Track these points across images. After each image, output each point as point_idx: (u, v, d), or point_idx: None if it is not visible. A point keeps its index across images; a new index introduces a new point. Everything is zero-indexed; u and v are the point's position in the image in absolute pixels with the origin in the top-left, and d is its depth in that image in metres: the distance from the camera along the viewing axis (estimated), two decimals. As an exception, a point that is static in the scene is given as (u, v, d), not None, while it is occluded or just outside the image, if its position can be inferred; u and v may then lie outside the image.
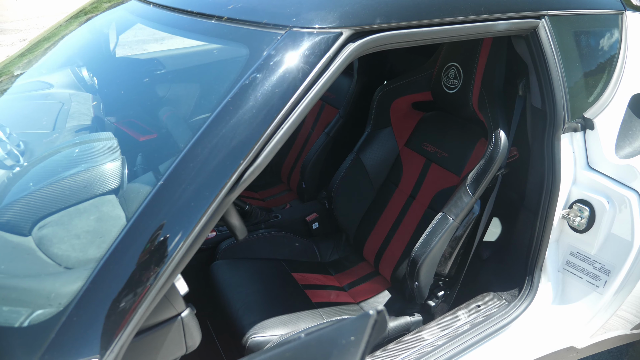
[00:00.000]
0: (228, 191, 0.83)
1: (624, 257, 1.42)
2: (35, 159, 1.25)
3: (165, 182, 0.81)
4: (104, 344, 0.72)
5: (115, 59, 1.35)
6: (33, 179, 1.16)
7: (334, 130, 2.24)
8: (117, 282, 0.75)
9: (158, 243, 0.77)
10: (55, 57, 1.58)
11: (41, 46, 1.59)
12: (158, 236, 0.78)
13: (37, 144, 1.38)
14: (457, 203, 1.51)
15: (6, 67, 1.62)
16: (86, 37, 1.44)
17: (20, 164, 1.28)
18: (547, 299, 1.57)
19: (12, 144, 1.36)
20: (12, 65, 1.60)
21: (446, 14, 1.12)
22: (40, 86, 1.60)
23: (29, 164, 1.23)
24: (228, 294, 1.64)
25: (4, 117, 1.49)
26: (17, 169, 1.25)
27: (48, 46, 1.58)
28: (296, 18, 0.97)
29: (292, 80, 0.90)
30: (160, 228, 0.78)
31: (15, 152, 1.34)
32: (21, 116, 1.54)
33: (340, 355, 0.52)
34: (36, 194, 1.09)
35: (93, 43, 1.40)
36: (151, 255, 0.77)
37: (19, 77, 1.64)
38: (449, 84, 1.69)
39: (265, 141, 0.87)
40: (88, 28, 1.46)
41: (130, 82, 1.23)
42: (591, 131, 1.42)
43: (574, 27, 1.41)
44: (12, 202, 1.08)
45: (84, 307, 0.73)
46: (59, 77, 1.57)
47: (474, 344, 1.44)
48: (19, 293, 0.84)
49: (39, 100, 1.57)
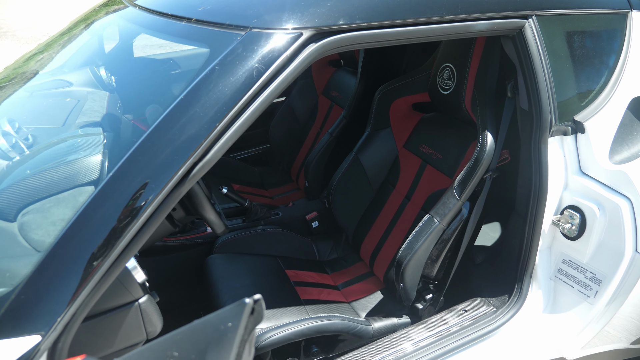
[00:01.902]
0: (176, 184, 0.87)
1: (615, 267, 1.36)
2: (32, 151, 1.34)
3: (115, 174, 0.86)
4: (48, 322, 0.78)
5: (103, 59, 1.43)
6: (25, 169, 1.25)
7: (337, 130, 2.25)
8: (62, 265, 0.80)
9: (104, 230, 0.82)
10: (68, 56, 1.69)
11: (54, 46, 1.69)
12: (105, 223, 0.83)
13: (44, 137, 1.48)
14: (443, 205, 1.50)
15: (23, 64, 1.73)
16: (86, 39, 1.53)
17: (21, 155, 1.37)
18: (537, 307, 1.53)
19: (20, 137, 1.46)
20: (29, 63, 1.71)
21: (418, 14, 1.12)
22: (60, 84, 1.71)
23: (26, 156, 1.32)
24: (218, 286, 1.69)
25: (19, 112, 1.60)
26: (16, 158, 1.35)
27: (60, 47, 1.68)
28: (257, 19, 1.00)
29: (246, 79, 0.93)
30: (108, 216, 0.83)
31: (20, 144, 1.44)
32: (37, 112, 1.64)
33: (219, 340, 0.54)
34: (23, 183, 1.17)
35: (91, 44, 1.49)
36: (96, 241, 0.82)
37: (38, 75, 1.75)
38: (444, 85, 1.67)
39: (215, 138, 0.90)
40: (91, 31, 1.55)
41: (111, 81, 1.31)
42: (582, 135, 1.37)
43: (567, 28, 1.36)
44: (2, 190, 1.17)
45: (31, 287, 0.79)
46: (78, 76, 1.67)
47: (454, 348, 1.42)
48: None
49: (56, 97, 1.67)
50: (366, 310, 1.76)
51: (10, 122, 1.52)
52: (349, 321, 1.56)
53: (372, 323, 1.61)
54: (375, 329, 1.60)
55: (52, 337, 0.78)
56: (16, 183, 1.18)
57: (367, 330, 1.59)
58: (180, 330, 0.58)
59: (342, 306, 1.75)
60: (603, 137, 1.38)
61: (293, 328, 1.47)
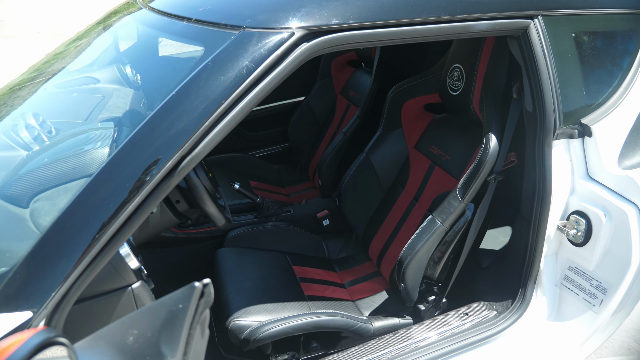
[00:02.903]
0: (164, 176, 0.92)
1: (621, 275, 1.31)
2: (49, 143, 1.42)
3: (107, 165, 0.91)
4: (40, 300, 0.83)
5: (115, 58, 1.50)
6: (40, 159, 1.33)
7: (351, 130, 2.27)
8: (55, 248, 0.86)
9: (93, 217, 0.87)
10: (91, 55, 1.78)
11: (77, 45, 1.78)
12: (95, 211, 0.88)
13: (65, 131, 1.57)
14: (446, 207, 1.49)
15: (49, 62, 1.84)
16: (106, 39, 1.61)
17: (40, 146, 1.46)
18: (541, 314, 1.49)
19: (44, 130, 1.55)
20: (54, 60, 1.81)
21: (413, 14, 1.12)
22: (88, 81, 1.80)
23: (43, 147, 1.41)
24: (224, 278, 1.74)
25: (45, 107, 1.69)
26: (36, 148, 1.43)
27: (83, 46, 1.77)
28: (251, 19, 1.04)
29: (235, 77, 0.96)
30: (97, 204, 0.88)
31: (43, 136, 1.53)
32: (63, 107, 1.74)
33: (171, 319, 0.58)
34: (37, 172, 1.26)
35: (109, 44, 1.57)
36: (86, 227, 0.87)
37: (63, 72, 1.85)
38: (453, 86, 1.65)
39: (203, 133, 0.94)
40: (110, 31, 1.63)
41: (123, 79, 1.37)
42: (590, 138, 1.33)
43: (577, 28, 1.33)
44: (18, 178, 1.26)
45: (26, 267, 0.85)
46: (105, 74, 1.76)
47: (452, 351, 1.41)
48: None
49: (84, 93, 1.77)
50: (370, 309, 1.77)
51: (35, 116, 1.61)
52: (349, 319, 1.58)
53: (372, 322, 1.62)
54: (375, 327, 1.61)
55: (44, 314, 0.84)
56: (30, 172, 1.27)
57: (367, 329, 1.60)
58: (140, 311, 0.61)
59: (345, 304, 1.77)
60: (612, 141, 1.34)
61: (291, 322, 1.50)
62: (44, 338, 0.52)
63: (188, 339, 0.58)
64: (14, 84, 1.62)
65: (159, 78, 1.24)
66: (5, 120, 1.54)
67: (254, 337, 1.47)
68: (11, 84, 1.63)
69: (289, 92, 2.93)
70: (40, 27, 7.38)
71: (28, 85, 1.59)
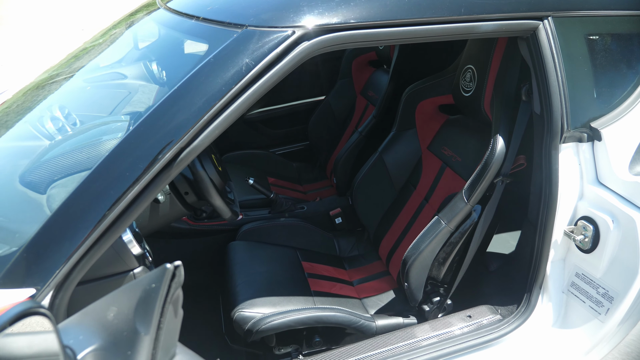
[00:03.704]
0: (163, 167, 0.96)
1: (628, 284, 1.28)
2: (70, 134, 1.51)
3: (110, 154, 0.96)
4: (43, 279, 0.89)
5: (134, 55, 1.57)
6: (60, 149, 1.41)
7: (367, 129, 2.28)
8: (59, 230, 0.92)
9: (95, 203, 0.93)
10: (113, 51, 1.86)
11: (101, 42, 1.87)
12: (97, 197, 0.93)
13: (89, 123, 1.65)
14: (451, 208, 1.48)
15: (75, 57, 1.93)
16: (128, 37, 1.68)
17: (63, 136, 1.55)
18: (546, 320, 1.47)
19: (69, 122, 1.64)
20: (80, 55, 1.90)
21: (416, 14, 1.13)
22: (114, 77, 1.89)
23: (65, 137, 1.49)
24: (234, 270, 1.78)
25: (72, 100, 1.79)
26: (58, 138, 1.52)
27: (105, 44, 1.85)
28: (254, 18, 1.07)
29: (235, 73, 1.00)
30: (99, 192, 0.94)
31: (67, 128, 1.61)
32: (90, 101, 1.83)
33: (146, 298, 0.62)
34: (55, 160, 1.33)
35: (130, 41, 1.64)
36: (89, 212, 0.92)
37: (89, 68, 1.94)
38: (465, 87, 1.64)
39: (202, 127, 0.98)
40: (132, 29, 1.70)
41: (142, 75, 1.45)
42: (599, 142, 1.30)
43: (590, 30, 1.30)
44: (38, 166, 1.34)
45: (32, 247, 0.91)
46: (125, 70, 1.85)
47: (452, 352, 1.41)
48: (5, 233, 1.07)
49: (111, 88, 1.85)
50: (376, 307, 1.78)
51: (61, 108, 1.70)
52: (351, 315, 1.59)
53: (376, 320, 1.63)
54: (378, 326, 1.62)
55: (47, 291, 0.90)
56: (49, 160, 1.35)
57: (370, 327, 1.61)
58: (121, 289, 0.66)
59: (352, 301, 1.78)
60: (624, 145, 1.30)
61: (293, 315, 1.53)
62: (26, 308, 0.56)
63: (161, 318, 0.62)
64: (42, 78, 1.72)
65: (168, 74, 1.29)
66: (33, 112, 1.63)
67: (257, 328, 1.50)
68: (39, 79, 1.73)
69: (310, 92, 2.97)
70: (84, 25, 7.70)
71: (55, 79, 1.68)
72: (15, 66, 6.40)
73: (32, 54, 6.72)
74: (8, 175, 1.37)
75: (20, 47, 7.12)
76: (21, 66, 6.35)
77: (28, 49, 6.98)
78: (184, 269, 1.84)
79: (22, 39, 7.43)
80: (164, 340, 0.63)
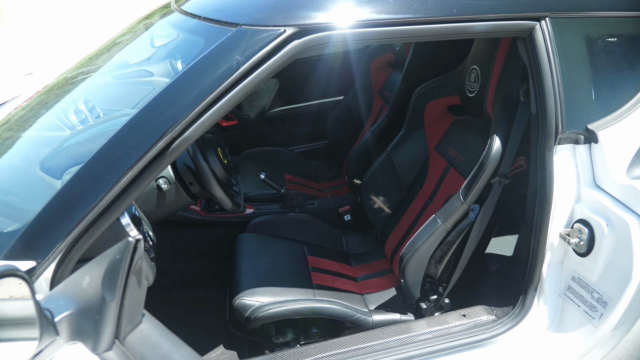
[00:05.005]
0: (156, 156, 1.04)
1: (622, 289, 1.26)
2: (88, 125, 1.62)
3: (109, 142, 1.05)
4: (43, 253, 0.98)
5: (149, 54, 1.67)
6: (77, 138, 1.52)
7: (379, 129, 2.30)
8: (59, 210, 1.01)
9: (92, 187, 1.01)
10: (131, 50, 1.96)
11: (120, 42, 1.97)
12: (93, 182, 1.02)
13: (111, 116, 1.76)
14: (448, 207, 1.50)
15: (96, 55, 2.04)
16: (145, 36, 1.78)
17: (84, 126, 1.66)
18: (541, 323, 1.46)
19: (92, 115, 1.76)
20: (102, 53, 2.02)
21: (408, 14, 1.16)
22: (152, 75, 2.00)
23: (83, 128, 1.60)
24: (240, 260, 1.85)
25: (97, 95, 1.91)
26: (79, 127, 1.63)
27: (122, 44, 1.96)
28: (248, 17, 1.13)
29: (226, 69, 1.06)
30: (96, 176, 1.02)
31: (90, 120, 1.73)
32: (115, 96, 1.94)
33: (111, 268, 0.69)
34: (72, 148, 1.44)
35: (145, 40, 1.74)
36: (85, 195, 1.01)
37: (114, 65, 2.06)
38: (470, 87, 1.65)
39: (193, 118, 1.05)
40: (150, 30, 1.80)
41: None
42: (596, 145, 1.28)
43: (590, 31, 1.29)
44: (56, 153, 1.45)
45: (34, 225, 1.00)
46: (158, 68, 1.95)
47: (443, 350, 1.42)
48: (17, 212, 1.17)
49: (137, 85, 1.96)
50: (376, 303, 1.81)
51: (85, 102, 1.82)
52: (348, 309, 1.63)
53: (373, 315, 1.66)
54: (375, 320, 1.65)
55: (46, 265, 0.99)
56: (67, 148, 1.46)
57: (367, 321, 1.64)
58: (94, 260, 0.73)
59: (352, 296, 1.81)
60: (622, 148, 1.28)
61: (290, 305, 1.59)
62: (5, 269, 0.64)
63: (125, 286, 0.68)
64: (66, 76, 1.84)
65: (174, 70, 1.37)
66: (59, 104, 1.76)
67: (255, 315, 1.57)
68: (63, 76, 1.85)
69: (330, 91, 3.01)
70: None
71: (78, 76, 1.80)
72: (44, 51, 6.84)
73: (56, 40, 7.15)
74: (31, 161, 1.49)
75: (44, 34, 7.59)
76: (48, 51, 6.79)
77: (52, 35, 7.42)
78: (196, 257, 1.94)
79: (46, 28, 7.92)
80: (128, 307, 0.70)
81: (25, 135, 1.59)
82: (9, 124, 1.70)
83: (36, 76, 3.00)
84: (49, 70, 2.21)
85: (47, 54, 6.77)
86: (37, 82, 2.64)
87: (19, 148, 1.57)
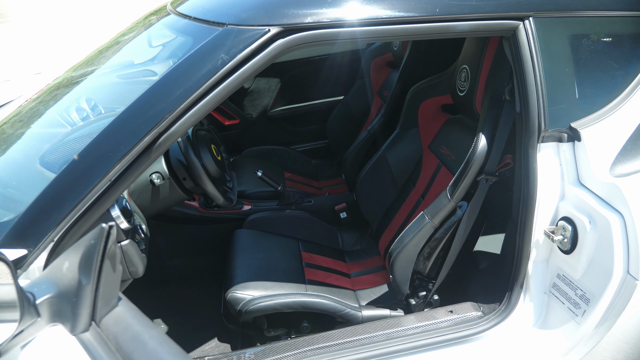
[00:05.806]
0: (143, 150, 1.08)
1: (603, 286, 1.27)
2: (86, 122, 1.67)
3: (99, 136, 1.09)
4: (33, 242, 1.03)
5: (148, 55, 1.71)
6: (76, 135, 1.57)
7: (375, 128, 2.33)
8: (49, 201, 1.05)
9: (82, 179, 1.06)
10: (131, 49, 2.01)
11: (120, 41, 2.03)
12: (82, 175, 1.06)
13: (108, 113, 1.81)
14: (436, 205, 1.52)
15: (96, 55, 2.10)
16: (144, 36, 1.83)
17: (84, 123, 1.71)
18: (527, 320, 1.47)
19: (94, 113, 1.81)
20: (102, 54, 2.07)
21: (390, 13, 1.18)
22: (146, 74, 2.05)
23: (82, 125, 1.66)
24: (235, 256, 1.89)
25: (100, 93, 1.96)
26: (80, 124, 1.68)
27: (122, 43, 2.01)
28: (234, 17, 1.17)
29: (211, 67, 1.10)
30: (85, 169, 1.06)
31: (91, 117, 1.78)
32: (118, 95, 2.00)
33: (87, 253, 0.73)
34: (69, 144, 1.49)
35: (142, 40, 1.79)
36: (75, 187, 1.05)
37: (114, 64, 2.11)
38: (460, 86, 1.67)
39: (178, 114, 1.09)
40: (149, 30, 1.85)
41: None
42: (580, 143, 1.29)
43: (574, 31, 1.30)
44: (55, 148, 1.51)
45: (27, 215, 1.05)
46: (152, 67, 2.01)
47: (426, 345, 1.44)
48: (13, 203, 1.22)
49: (133, 84, 2.01)
50: (368, 299, 1.83)
51: (88, 100, 1.87)
52: (337, 304, 1.66)
53: (362, 310, 1.69)
54: (364, 316, 1.67)
55: (37, 254, 1.04)
56: (65, 144, 1.51)
57: (356, 316, 1.67)
58: (73, 245, 0.77)
59: (344, 292, 1.84)
60: (605, 146, 1.29)
61: (280, 299, 1.62)
62: (-14, 253, 0.68)
63: (99, 270, 0.72)
64: (68, 75, 1.90)
65: (163, 69, 1.41)
66: (61, 102, 1.82)
67: (246, 308, 1.60)
68: (65, 76, 1.91)
69: (331, 91, 3.04)
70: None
71: (80, 76, 1.86)
72: (49, 51, 7.01)
73: (64, 40, 7.32)
74: (32, 156, 1.54)
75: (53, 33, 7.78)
76: (55, 50, 6.96)
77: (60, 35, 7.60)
78: (194, 253, 1.98)
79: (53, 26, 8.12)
80: (103, 290, 0.74)
81: (25, 132, 1.65)
82: (12, 122, 1.76)
83: (45, 75, 3.08)
84: (58, 69, 2.28)
85: (53, 54, 6.93)
86: (45, 81, 2.72)
87: (20, 143, 1.63)
